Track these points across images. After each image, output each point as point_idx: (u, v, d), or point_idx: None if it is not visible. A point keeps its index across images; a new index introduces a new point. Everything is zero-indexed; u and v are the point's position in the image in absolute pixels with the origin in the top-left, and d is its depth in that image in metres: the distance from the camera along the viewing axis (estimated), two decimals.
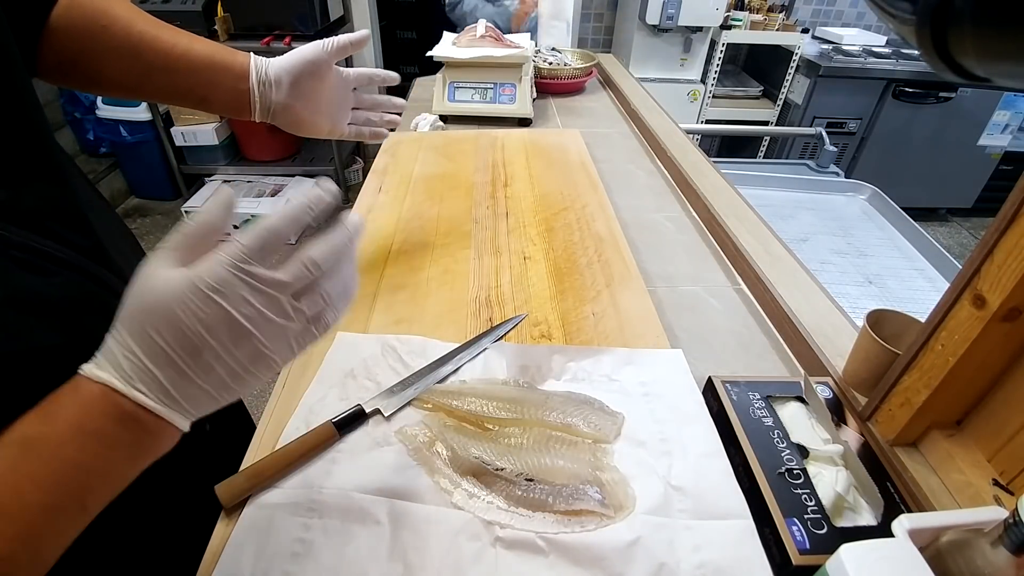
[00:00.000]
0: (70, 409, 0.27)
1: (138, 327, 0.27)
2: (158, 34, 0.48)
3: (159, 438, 0.29)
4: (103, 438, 0.27)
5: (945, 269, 1.14)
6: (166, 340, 0.27)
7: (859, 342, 0.51)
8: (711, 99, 2.73)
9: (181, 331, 0.27)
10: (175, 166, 2.63)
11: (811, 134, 1.80)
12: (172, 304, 0.27)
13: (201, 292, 0.27)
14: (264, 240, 0.29)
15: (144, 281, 0.28)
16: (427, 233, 0.76)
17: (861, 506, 0.42)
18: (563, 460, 0.44)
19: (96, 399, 0.27)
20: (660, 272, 0.73)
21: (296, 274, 0.29)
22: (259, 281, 0.28)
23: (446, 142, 1.04)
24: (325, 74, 0.56)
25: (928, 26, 0.20)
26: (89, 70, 0.47)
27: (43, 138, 0.37)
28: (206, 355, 0.28)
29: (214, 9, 2.18)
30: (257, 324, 0.28)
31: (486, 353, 0.56)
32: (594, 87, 1.46)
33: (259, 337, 0.29)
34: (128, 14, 0.47)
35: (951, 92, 2.47)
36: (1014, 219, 0.35)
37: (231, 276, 0.27)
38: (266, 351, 0.29)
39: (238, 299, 0.28)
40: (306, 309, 0.30)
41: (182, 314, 0.27)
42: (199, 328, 0.27)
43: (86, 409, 0.27)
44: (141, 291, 0.28)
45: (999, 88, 2.40)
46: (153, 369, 0.27)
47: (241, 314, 0.28)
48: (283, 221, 0.29)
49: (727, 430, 0.47)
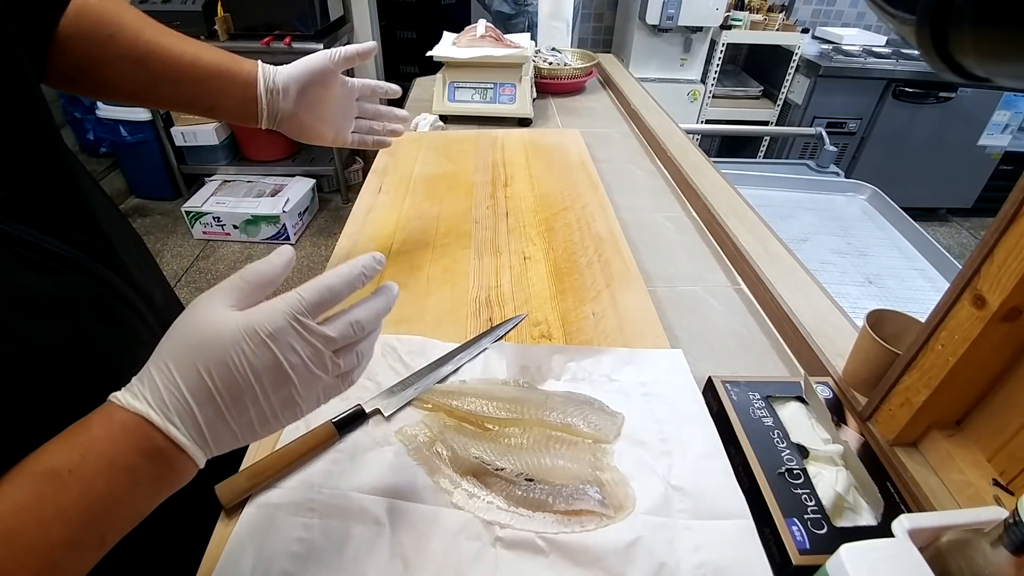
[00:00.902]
0: (101, 441, 0.27)
1: (188, 363, 0.28)
2: (166, 43, 0.49)
3: (180, 474, 0.29)
4: (132, 473, 0.27)
5: (945, 269, 1.14)
6: (214, 379, 0.28)
7: (859, 342, 0.51)
8: (711, 99, 2.73)
9: (230, 372, 0.28)
10: (175, 166, 2.63)
11: (811, 134, 1.80)
12: (228, 345, 0.28)
13: (258, 336, 0.28)
14: (322, 297, 0.31)
15: (200, 317, 0.29)
16: (427, 233, 0.76)
17: (861, 506, 0.42)
18: (563, 460, 0.44)
19: (129, 431, 0.27)
20: (660, 272, 0.73)
21: (343, 332, 0.32)
22: (311, 334, 0.30)
23: (446, 142, 1.04)
24: (331, 83, 0.56)
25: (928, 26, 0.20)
26: (96, 78, 0.47)
27: (51, 139, 0.37)
28: (246, 397, 0.29)
29: (214, 9, 2.18)
30: (299, 373, 0.30)
31: (486, 353, 0.56)
32: (594, 87, 1.46)
33: (296, 385, 0.30)
34: (136, 23, 0.48)
35: (951, 92, 2.47)
36: (1014, 219, 0.35)
37: (288, 326, 0.29)
38: (298, 399, 0.31)
39: (288, 348, 0.29)
40: (342, 365, 0.32)
41: (235, 356, 0.28)
42: (247, 371, 0.28)
43: (117, 442, 0.27)
44: (195, 327, 0.29)
45: (999, 88, 2.40)
46: (194, 407, 0.28)
47: (288, 362, 0.29)
48: (341, 282, 0.32)
49: (727, 430, 0.47)
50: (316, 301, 0.31)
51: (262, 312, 0.29)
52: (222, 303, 0.29)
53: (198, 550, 0.40)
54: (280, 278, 0.32)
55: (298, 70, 0.54)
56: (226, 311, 0.29)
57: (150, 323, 0.42)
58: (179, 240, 2.48)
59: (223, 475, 0.42)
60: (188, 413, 0.28)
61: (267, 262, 0.32)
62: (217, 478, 0.42)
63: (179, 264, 2.34)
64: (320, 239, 2.53)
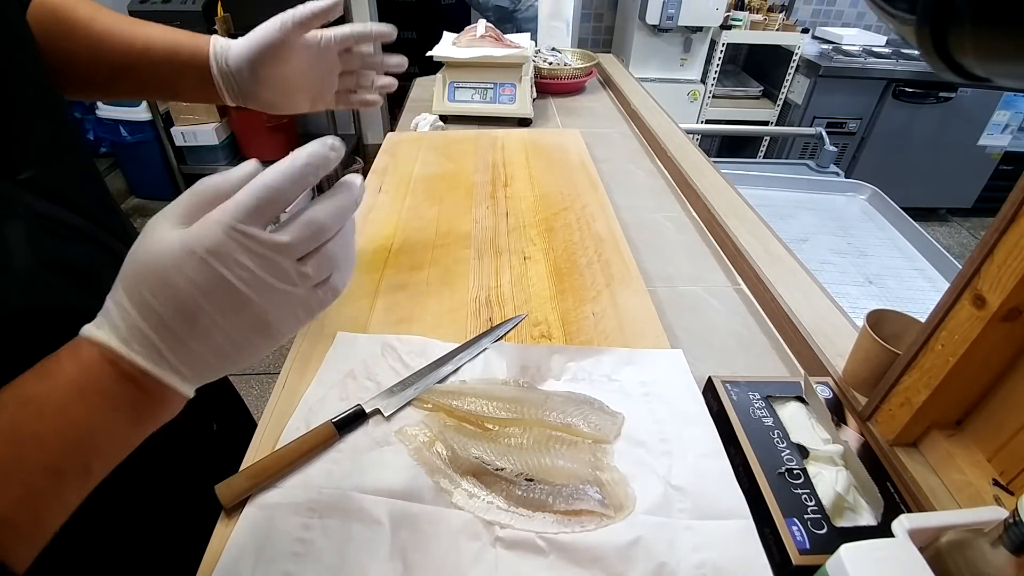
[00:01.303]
0: (70, 369, 0.26)
1: (134, 288, 0.26)
2: (118, 30, 0.47)
3: (161, 402, 0.28)
4: (105, 398, 0.26)
5: (945, 269, 1.14)
6: (160, 303, 0.26)
7: (859, 342, 0.51)
8: (711, 99, 2.73)
9: (175, 295, 0.26)
10: (175, 166, 2.63)
11: (811, 134, 1.80)
12: (167, 266, 0.26)
13: (195, 255, 0.26)
14: (261, 199, 0.27)
15: (143, 240, 0.27)
16: (427, 233, 0.76)
17: (861, 506, 0.42)
18: (563, 460, 0.44)
19: (95, 360, 0.26)
20: (660, 272, 0.73)
21: (300, 236, 0.28)
22: (257, 243, 0.27)
23: (446, 142, 1.04)
24: (288, 55, 0.50)
25: (928, 26, 0.20)
26: (60, 75, 0.46)
27: (67, 123, 0.38)
28: (202, 321, 0.27)
29: (214, 9, 2.18)
30: (256, 290, 0.27)
31: (486, 353, 0.56)
32: (594, 87, 1.46)
33: (258, 304, 0.27)
34: (89, 14, 0.46)
35: (951, 92, 2.47)
36: (1014, 219, 0.35)
37: (226, 238, 0.26)
38: (267, 317, 0.28)
39: (233, 263, 0.26)
40: (311, 273, 0.29)
41: (176, 277, 0.26)
42: (194, 293, 0.26)
43: (85, 369, 0.26)
44: (140, 250, 0.27)
45: (999, 88, 2.40)
46: (148, 332, 0.26)
47: (238, 279, 0.27)
48: (284, 179, 0.27)
49: (727, 430, 0.47)
50: (254, 206, 0.27)
51: (197, 228, 0.27)
52: (169, 222, 0.27)
53: (198, 550, 0.40)
54: (235, 189, 0.28)
55: (247, 47, 0.49)
56: (167, 231, 0.27)
57: None
58: None
59: (223, 475, 0.42)
60: (144, 337, 0.26)
61: (223, 174, 0.29)
62: (217, 478, 0.42)
63: None
64: None
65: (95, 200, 0.38)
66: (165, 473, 0.44)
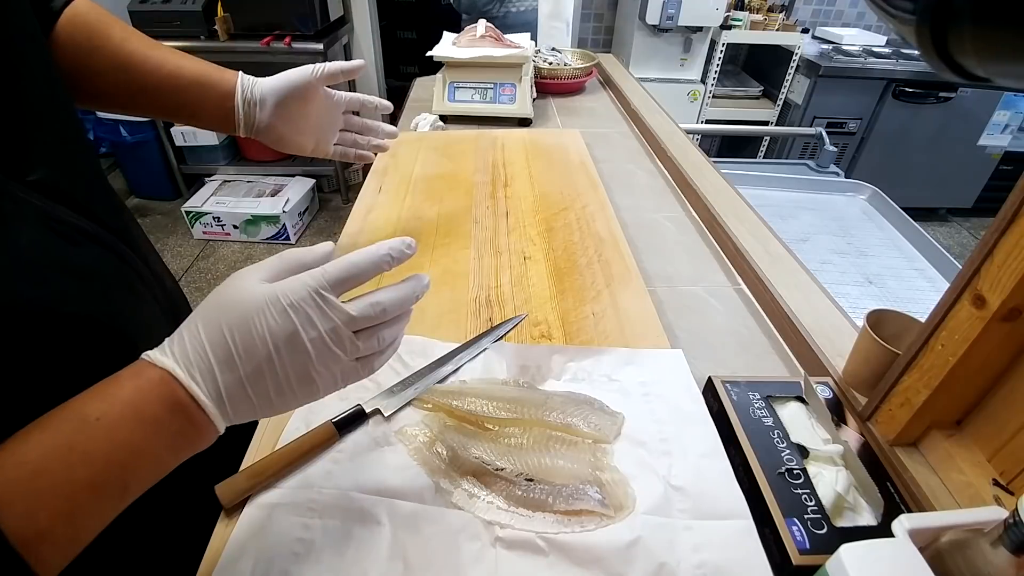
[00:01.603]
0: (128, 391, 0.28)
1: (214, 323, 0.29)
2: (149, 54, 0.50)
3: (200, 435, 0.30)
4: (155, 424, 0.28)
5: (945, 269, 1.14)
6: (235, 340, 0.29)
7: (859, 342, 0.51)
8: (711, 99, 2.73)
9: (251, 335, 0.29)
10: (175, 166, 2.63)
11: (811, 134, 1.80)
12: (252, 310, 0.29)
13: (280, 304, 0.29)
14: (346, 274, 0.32)
15: (232, 285, 0.31)
16: (427, 233, 0.76)
17: (861, 506, 0.42)
18: (563, 460, 0.44)
19: (155, 384, 0.28)
20: (660, 272, 0.73)
21: (364, 312, 0.32)
22: (331, 309, 0.31)
23: (446, 142, 1.04)
24: (311, 97, 0.57)
25: (928, 26, 0.20)
26: (83, 87, 0.49)
27: (77, 126, 0.39)
28: (264, 365, 0.29)
29: (214, 9, 2.18)
30: (316, 346, 0.30)
31: (486, 353, 0.56)
32: (594, 87, 1.46)
33: (313, 359, 0.30)
34: (122, 34, 0.49)
35: (951, 92, 2.47)
36: (1014, 219, 0.35)
37: (309, 297, 0.30)
38: (314, 374, 0.31)
39: (306, 319, 0.30)
40: (361, 347, 0.32)
41: (257, 320, 0.29)
42: (267, 336, 0.29)
43: (144, 393, 0.28)
44: (227, 293, 0.30)
45: (999, 88, 2.40)
46: (215, 366, 0.29)
47: (306, 333, 0.30)
48: (367, 261, 0.33)
49: (727, 430, 0.47)
50: (339, 277, 0.31)
51: (287, 283, 0.30)
52: (255, 276, 0.31)
53: (198, 550, 0.40)
54: (315, 264, 0.33)
55: (277, 83, 0.55)
56: (255, 283, 0.30)
57: (161, 302, 0.44)
58: (179, 240, 2.48)
59: (223, 475, 0.42)
60: (209, 372, 0.29)
61: (307, 249, 0.34)
62: (217, 478, 0.42)
63: (179, 264, 2.34)
64: (320, 239, 2.52)
65: (102, 202, 0.39)
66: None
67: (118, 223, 0.40)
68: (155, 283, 0.43)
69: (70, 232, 0.34)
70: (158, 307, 0.43)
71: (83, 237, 0.35)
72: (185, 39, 2.18)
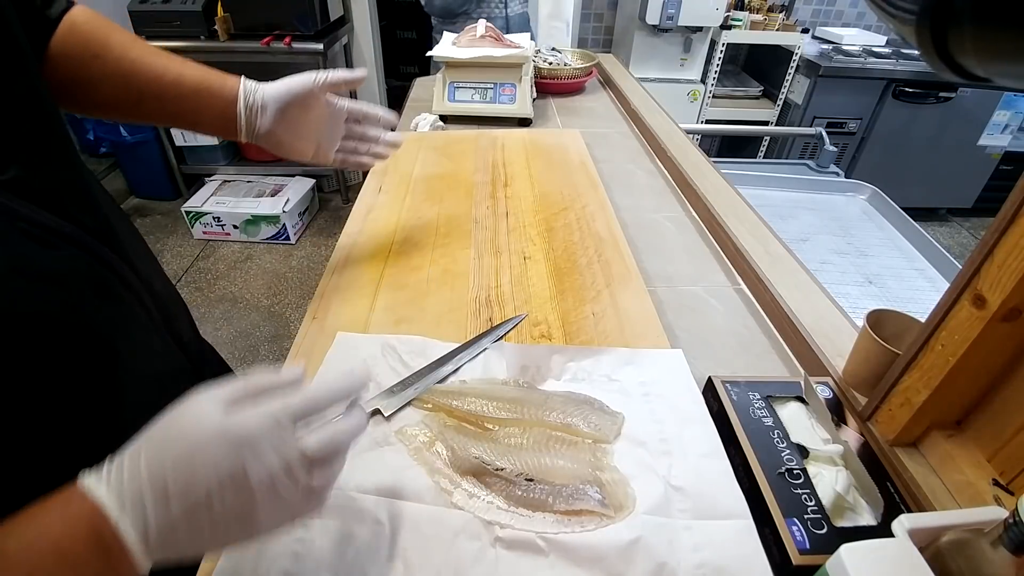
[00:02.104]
0: (56, 526, 0.26)
1: (159, 454, 0.27)
2: (151, 61, 0.50)
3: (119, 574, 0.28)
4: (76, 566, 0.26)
5: (945, 269, 1.14)
6: (176, 476, 0.27)
7: (859, 342, 0.51)
8: (711, 99, 2.73)
9: (193, 471, 0.27)
10: (175, 166, 2.63)
11: (811, 134, 1.80)
12: (199, 441, 0.27)
13: (228, 440, 0.27)
14: (307, 407, 0.30)
15: (187, 411, 0.29)
16: (427, 233, 0.76)
17: (861, 506, 0.42)
18: (563, 460, 0.44)
19: (83, 519, 0.26)
20: (660, 272, 0.73)
21: (322, 449, 0.30)
22: (289, 444, 0.29)
23: (446, 142, 1.04)
24: (312, 105, 0.57)
25: (928, 26, 0.20)
26: (85, 95, 0.49)
27: (56, 125, 0.38)
28: (201, 503, 0.27)
29: (214, 9, 2.18)
30: (266, 487, 0.28)
31: (486, 353, 0.56)
32: (594, 87, 1.46)
33: (259, 500, 0.28)
34: (123, 42, 0.49)
35: (951, 92, 2.47)
36: (1014, 219, 0.35)
37: (265, 430, 0.28)
38: (258, 515, 0.29)
39: (257, 456, 0.28)
40: (315, 483, 0.30)
41: (202, 455, 0.27)
42: (211, 475, 0.27)
43: (70, 529, 0.26)
44: (180, 419, 0.28)
45: (999, 88, 2.40)
46: (148, 505, 0.26)
47: (255, 472, 0.28)
48: (328, 397, 0.31)
49: (727, 430, 0.47)
50: (299, 410, 0.30)
51: (244, 416, 0.28)
52: (213, 403, 0.29)
53: None
54: (287, 389, 0.31)
55: (278, 90, 0.55)
56: (211, 410, 0.28)
57: (149, 307, 0.42)
58: (179, 240, 2.48)
59: None
60: (141, 511, 0.26)
61: (272, 374, 0.32)
62: None
63: (179, 264, 2.34)
64: (320, 239, 2.53)
65: (79, 203, 0.38)
66: None
67: (97, 224, 0.39)
68: (141, 286, 0.42)
69: (42, 234, 0.33)
70: (143, 311, 0.41)
71: (56, 238, 0.34)
72: (185, 39, 2.18)
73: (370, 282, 0.67)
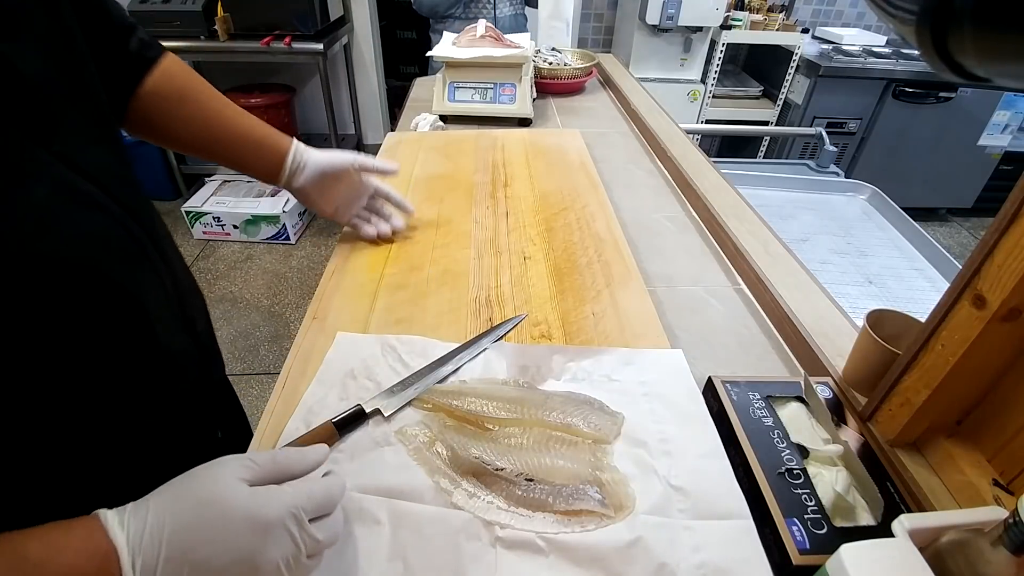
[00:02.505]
0: (71, 555, 0.28)
1: (182, 514, 0.30)
2: (226, 113, 0.60)
3: None
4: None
5: (945, 269, 1.14)
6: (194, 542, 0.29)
7: (859, 342, 0.51)
8: (711, 99, 2.73)
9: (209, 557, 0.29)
10: (175, 166, 2.63)
11: (811, 134, 1.80)
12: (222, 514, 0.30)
13: (251, 521, 0.30)
14: (322, 504, 0.34)
15: (216, 477, 0.32)
16: (427, 233, 0.76)
17: (861, 506, 0.42)
18: (563, 460, 0.44)
19: (98, 560, 0.28)
20: (660, 272, 0.73)
21: (332, 538, 0.34)
22: (304, 535, 0.32)
23: (446, 142, 1.04)
24: (344, 177, 0.68)
25: (928, 26, 0.20)
26: (166, 131, 0.57)
27: (108, 122, 0.43)
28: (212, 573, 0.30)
29: (214, 9, 2.18)
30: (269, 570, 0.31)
31: (486, 353, 0.56)
32: (594, 87, 1.46)
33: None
34: (206, 93, 0.59)
35: (951, 92, 2.47)
36: (1014, 219, 0.35)
37: (285, 519, 0.31)
38: None
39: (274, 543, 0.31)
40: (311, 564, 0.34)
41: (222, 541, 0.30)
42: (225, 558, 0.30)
43: (83, 563, 0.28)
44: (209, 484, 0.32)
45: (999, 88, 2.40)
46: (160, 563, 0.29)
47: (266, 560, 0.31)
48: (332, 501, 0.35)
49: (727, 430, 0.47)
50: (321, 503, 0.34)
51: (267, 500, 0.32)
52: (242, 472, 0.33)
53: None
54: (307, 470, 0.36)
55: (321, 158, 0.66)
56: (239, 483, 0.32)
57: (167, 286, 0.45)
58: (179, 240, 2.47)
59: None
60: (152, 562, 0.29)
61: (302, 456, 0.36)
62: None
63: None
64: (320, 239, 2.54)
65: (120, 181, 0.42)
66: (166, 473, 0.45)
67: (132, 202, 0.42)
68: (164, 267, 0.45)
69: (84, 199, 0.37)
70: (164, 289, 0.44)
71: (95, 207, 0.38)
72: (185, 39, 2.18)
73: (370, 282, 0.67)
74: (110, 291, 0.37)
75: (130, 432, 0.41)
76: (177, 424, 0.46)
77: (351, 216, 0.73)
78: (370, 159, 0.69)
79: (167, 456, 0.45)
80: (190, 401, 0.48)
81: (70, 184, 0.36)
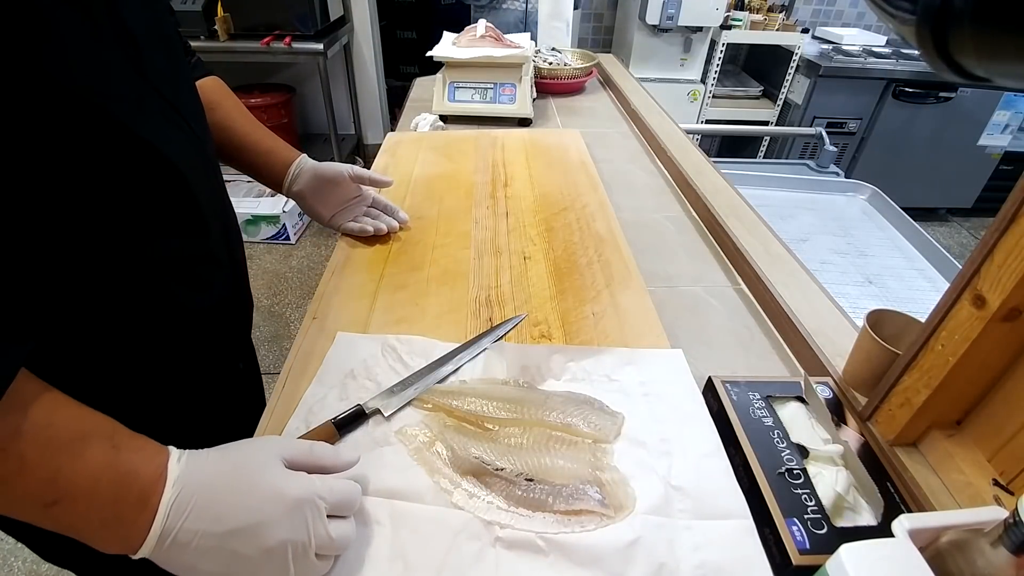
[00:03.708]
0: (138, 459, 0.33)
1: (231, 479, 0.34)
2: (248, 127, 0.68)
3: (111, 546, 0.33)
4: (116, 502, 0.32)
5: (945, 269, 1.14)
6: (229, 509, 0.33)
7: (859, 342, 0.51)
8: (711, 99, 2.73)
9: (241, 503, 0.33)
10: None
11: (811, 134, 1.80)
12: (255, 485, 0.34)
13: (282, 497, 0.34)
14: (343, 504, 0.37)
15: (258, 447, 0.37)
16: (427, 233, 0.76)
17: (861, 506, 0.42)
18: (563, 460, 0.44)
19: (149, 476, 0.33)
20: (660, 272, 0.73)
21: (345, 540, 0.37)
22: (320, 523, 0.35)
23: (446, 142, 1.04)
24: (339, 183, 0.72)
25: (928, 26, 0.20)
26: None
27: (186, 65, 0.53)
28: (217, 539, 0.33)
29: (214, 9, 2.18)
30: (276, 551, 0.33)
31: (486, 353, 0.56)
32: (594, 87, 1.46)
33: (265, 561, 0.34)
34: (232, 104, 0.67)
35: (951, 92, 2.47)
36: (1014, 219, 0.35)
37: (309, 502, 0.34)
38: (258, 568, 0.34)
39: (302, 522, 0.34)
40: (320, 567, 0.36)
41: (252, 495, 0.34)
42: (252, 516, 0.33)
43: (137, 473, 0.32)
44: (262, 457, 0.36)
45: (999, 88, 2.40)
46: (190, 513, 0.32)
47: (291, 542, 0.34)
48: (351, 503, 0.38)
49: (727, 430, 0.47)
50: (339, 503, 0.37)
51: (298, 481, 0.35)
52: (281, 452, 0.37)
53: None
54: (336, 467, 0.39)
55: (317, 164, 0.71)
56: (278, 462, 0.36)
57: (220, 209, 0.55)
58: None
59: None
60: (183, 513, 0.32)
61: (336, 454, 0.40)
62: None
63: None
64: (320, 239, 2.53)
65: (197, 117, 0.51)
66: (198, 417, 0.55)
67: (205, 138, 0.52)
68: (224, 195, 0.56)
69: (172, 119, 0.45)
70: (220, 206, 0.54)
71: (179, 127, 0.46)
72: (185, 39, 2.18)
73: (370, 282, 0.67)
74: (187, 195, 0.46)
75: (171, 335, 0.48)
76: (210, 336, 0.54)
77: (347, 222, 0.74)
78: (363, 170, 0.74)
79: (195, 380, 0.53)
80: (224, 314, 0.56)
81: (161, 107, 0.44)
